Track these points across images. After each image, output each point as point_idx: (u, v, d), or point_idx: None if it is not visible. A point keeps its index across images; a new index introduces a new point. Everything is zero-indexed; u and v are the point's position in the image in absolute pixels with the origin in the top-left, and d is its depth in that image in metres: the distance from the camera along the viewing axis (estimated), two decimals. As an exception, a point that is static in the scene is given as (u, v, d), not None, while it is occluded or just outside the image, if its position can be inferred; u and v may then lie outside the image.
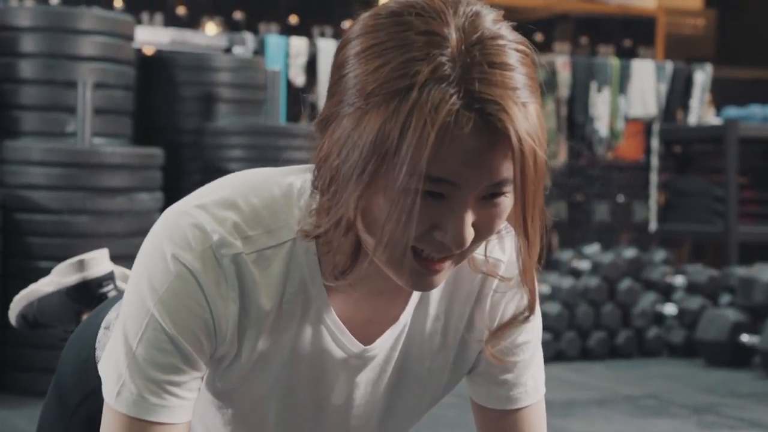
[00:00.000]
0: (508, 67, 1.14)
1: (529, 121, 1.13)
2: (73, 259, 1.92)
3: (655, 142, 8.34)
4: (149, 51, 6.39)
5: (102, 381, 1.28)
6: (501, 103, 1.12)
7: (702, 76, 8.50)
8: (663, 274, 6.39)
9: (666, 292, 6.39)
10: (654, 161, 8.39)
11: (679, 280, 6.38)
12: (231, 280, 1.24)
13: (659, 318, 6.30)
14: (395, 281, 1.24)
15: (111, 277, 1.92)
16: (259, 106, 6.02)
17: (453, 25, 1.15)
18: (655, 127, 8.31)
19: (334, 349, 1.32)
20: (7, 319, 2.03)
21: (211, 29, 8.70)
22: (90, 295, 1.90)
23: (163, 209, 1.38)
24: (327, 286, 1.28)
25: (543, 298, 5.94)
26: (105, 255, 1.95)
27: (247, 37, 7.27)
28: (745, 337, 5.80)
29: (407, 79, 1.12)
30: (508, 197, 1.18)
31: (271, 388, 1.33)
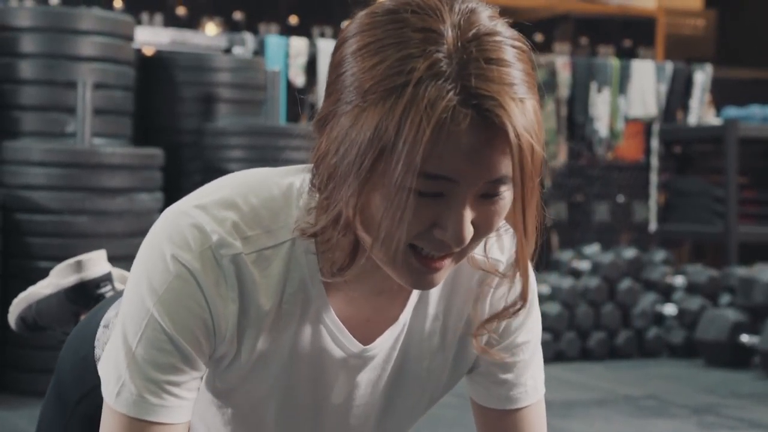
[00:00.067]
0: (505, 63, 1.14)
1: (526, 117, 1.13)
2: (71, 260, 1.92)
3: (655, 143, 8.34)
4: (149, 51, 6.39)
5: (102, 381, 1.28)
6: (498, 98, 1.12)
7: (702, 77, 8.50)
8: (663, 275, 6.39)
9: (666, 293, 6.39)
10: (654, 161, 8.39)
11: (679, 281, 6.39)
12: (230, 281, 1.24)
13: (659, 318, 6.30)
14: (395, 280, 1.24)
15: (109, 278, 1.92)
16: (258, 106, 6.02)
17: (449, 22, 1.15)
18: (655, 127, 8.31)
19: (334, 349, 1.32)
20: (6, 319, 2.03)
21: (210, 29, 8.70)
22: (88, 296, 1.90)
23: (163, 209, 1.38)
24: (326, 286, 1.28)
25: (543, 299, 5.94)
26: (103, 256, 1.95)
27: (247, 37, 7.27)
28: (745, 338, 5.80)
29: (404, 75, 1.13)
30: (506, 194, 1.18)
31: (271, 388, 1.33)
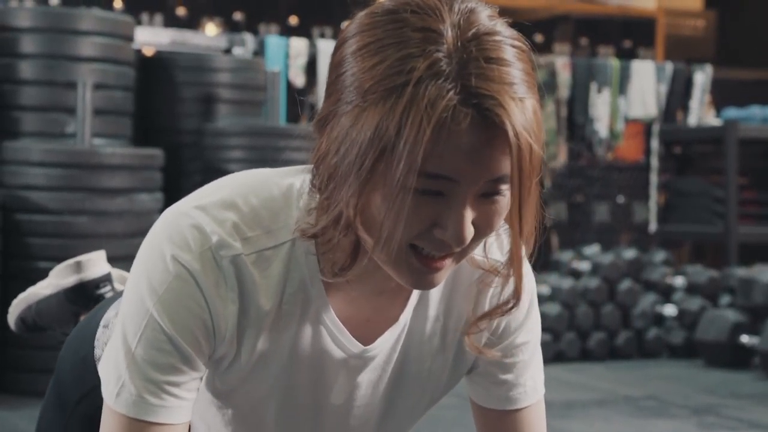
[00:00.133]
0: (505, 63, 1.14)
1: (525, 116, 1.14)
2: (71, 261, 1.92)
3: (655, 143, 8.34)
4: (149, 52, 6.39)
5: (101, 381, 1.28)
6: (498, 98, 1.12)
7: (702, 77, 8.50)
8: (663, 275, 6.39)
9: (666, 293, 6.39)
10: (654, 162, 8.39)
11: (679, 281, 6.39)
12: (230, 281, 1.24)
13: (659, 319, 6.30)
14: (395, 281, 1.24)
15: (108, 279, 1.92)
16: (258, 106, 6.02)
17: (449, 22, 1.15)
18: (655, 127, 8.31)
19: (334, 350, 1.32)
20: (6, 320, 2.03)
21: (210, 30, 8.70)
22: (87, 297, 1.90)
23: (163, 210, 1.38)
24: (326, 287, 1.28)
25: (543, 299, 5.94)
26: (102, 256, 1.95)
27: (247, 37, 7.27)
28: (744, 338, 5.80)
29: (404, 75, 1.13)
30: (507, 194, 1.18)
31: (271, 389, 1.33)
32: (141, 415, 1.24)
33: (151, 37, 6.86)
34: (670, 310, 6.26)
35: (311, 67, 7.37)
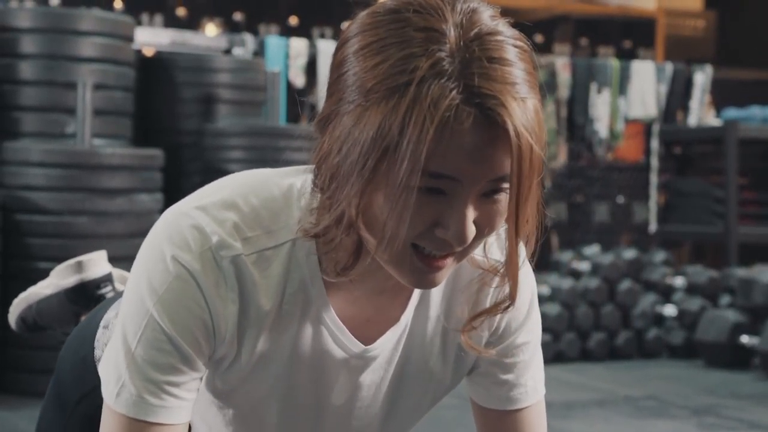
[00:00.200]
0: (507, 63, 1.14)
1: (527, 116, 1.14)
2: (71, 261, 1.92)
3: (655, 143, 8.34)
4: (149, 52, 6.39)
5: (102, 381, 1.28)
6: (500, 98, 1.12)
7: (702, 78, 8.50)
8: (663, 275, 6.39)
9: (666, 293, 6.38)
10: (654, 162, 8.40)
11: (678, 281, 6.38)
12: (230, 282, 1.24)
13: (659, 319, 6.30)
14: (396, 280, 1.24)
15: (109, 279, 1.92)
16: (259, 107, 6.02)
17: (451, 21, 1.15)
18: (655, 128, 8.31)
19: (335, 350, 1.32)
20: (6, 320, 2.03)
21: (211, 30, 8.71)
22: (88, 297, 1.90)
23: (163, 210, 1.38)
24: (327, 287, 1.28)
25: (543, 299, 5.94)
26: (103, 256, 1.95)
27: (247, 38, 7.27)
28: (744, 338, 5.80)
29: (406, 74, 1.13)
30: (508, 194, 1.18)
31: (272, 389, 1.33)
32: (141, 415, 1.24)
33: (151, 37, 6.86)
34: (670, 310, 6.26)
35: (311, 68, 7.37)
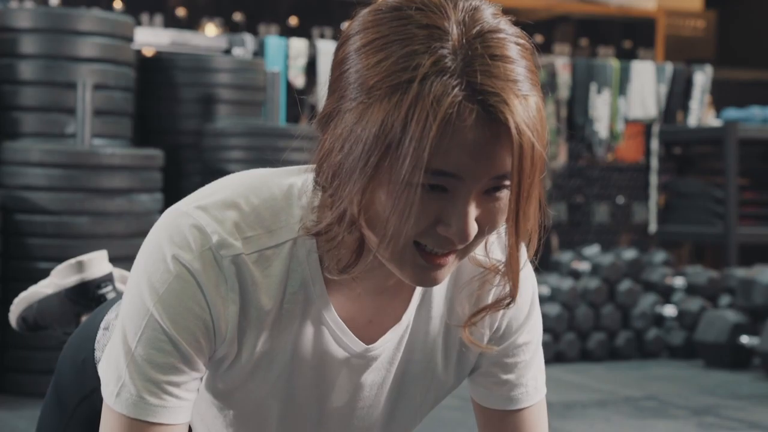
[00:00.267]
0: (509, 60, 1.14)
1: (528, 114, 1.13)
2: (72, 261, 1.92)
3: (654, 144, 8.34)
4: (149, 52, 6.39)
5: (101, 381, 1.28)
6: (502, 95, 1.12)
7: (702, 78, 8.50)
8: (663, 276, 6.39)
9: (666, 294, 6.39)
10: (654, 163, 8.39)
11: (678, 282, 6.39)
12: (231, 281, 1.24)
13: (659, 319, 6.30)
14: (397, 279, 1.24)
15: (110, 279, 1.92)
16: (258, 107, 6.02)
17: (453, 19, 1.15)
18: (655, 128, 8.31)
19: (336, 349, 1.31)
20: (7, 320, 2.03)
21: (210, 31, 8.70)
22: (89, 297, 1.90)
23: (163, 210, 1.38)
24: (328, 286, 1.28)
25: (543, 300, 5.94)
26: (104, 256, 1.95)
27: (247, 38, 7.27)
28: (744, 339, 5.80)
29: (409, 72, 1.12)
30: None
31: (273, 389, 1.32)
32: (141, 416, 1.24)
33: (151, 37, 6.85)
34: (669, 310, 6.26)
35: (311, 68, 7.37)
